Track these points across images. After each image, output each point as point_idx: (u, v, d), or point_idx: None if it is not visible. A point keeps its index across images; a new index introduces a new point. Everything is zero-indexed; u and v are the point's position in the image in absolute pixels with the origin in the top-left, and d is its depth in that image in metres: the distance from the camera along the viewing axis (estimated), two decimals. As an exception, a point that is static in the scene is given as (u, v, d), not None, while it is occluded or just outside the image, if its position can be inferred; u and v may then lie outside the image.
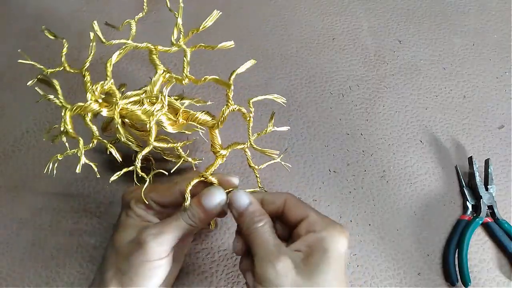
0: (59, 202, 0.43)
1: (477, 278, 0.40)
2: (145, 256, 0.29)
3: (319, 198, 0.44)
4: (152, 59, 0.34)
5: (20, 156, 0.46)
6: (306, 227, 0.30)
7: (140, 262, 0.30)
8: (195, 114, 0.34)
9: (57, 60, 0.53)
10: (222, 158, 0.34)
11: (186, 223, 0.31)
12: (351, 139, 0.48)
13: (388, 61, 0.55)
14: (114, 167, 0.45)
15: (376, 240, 0.42)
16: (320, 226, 0.29)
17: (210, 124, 0.34)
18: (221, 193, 0.32)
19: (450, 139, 0.48)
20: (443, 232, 0.42)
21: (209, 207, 0.32)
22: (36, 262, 0.40)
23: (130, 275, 0.30)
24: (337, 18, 0.59)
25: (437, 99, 0.51)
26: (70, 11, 0.59)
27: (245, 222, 0.31)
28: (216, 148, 0.34)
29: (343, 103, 0.51)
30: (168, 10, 0.35)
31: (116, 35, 0.56)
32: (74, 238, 0.41)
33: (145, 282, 0.30)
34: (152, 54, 0.34)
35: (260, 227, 0.30)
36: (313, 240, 0.28)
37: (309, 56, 0.55)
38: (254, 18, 0.58)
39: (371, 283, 0.39)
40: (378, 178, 0.45)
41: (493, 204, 0.43)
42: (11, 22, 0.58)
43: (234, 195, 0.32)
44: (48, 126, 0.47)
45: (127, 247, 0.31)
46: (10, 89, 0.51)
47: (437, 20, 0.59)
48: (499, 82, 0.53)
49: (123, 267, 0.30)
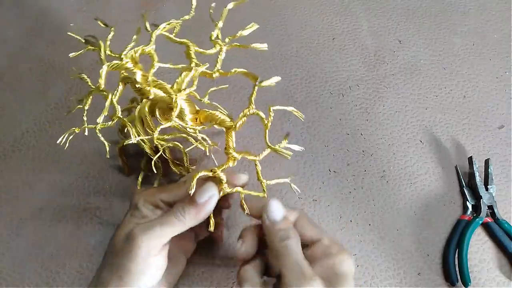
0: (59, 202, 0.43)
1: (477, 278, 0.40)
2: (136, 251, 0.29)
3: (319, 198, 0.44)
4: (188, 54, 0.35)
5: (20, 156, 0.46)
6: (323, 250, 0.31)
7: (131, 257, 0.30)
8: (214, 113, 0.34)
9: (57, 60, 0.54)
10: (234, 161, 0.34)
11: (175, 218, 0.31)
12: (351, 139, 0.48)
13: (388, 61, 0.55)
14: (117, 167, 0.45)
15: (376, 240, 0.42)
16: (335, 250, 0.30)
17: (227, 125, 0.34)
18: (212, 188, 0.33)
19: (450, 139, 0.48)
20: (443, 232, 0.42)
21: (199, 201, 0.32)
22: (36, 262, 0.40)
23: (121, 274, 0.30)
24: (337, 18, 0.59)
25: (437, 99, 0.51)
26: (70, 11, 0.59)
27: (277, 234, 0.31)
28: (229, 150, 0.34)
29: (343, 103, 0.51)
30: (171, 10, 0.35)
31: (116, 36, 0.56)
32: (74, 238, 0.41)
33: (135, 279, 0.30)
34: (188, 49, 0.35)
35: (291, 243, 0.30)
36: (332, 263, 0.30)
37: (309, 56, 0.55)
38: (254, 18, 0.58)
39: (371, 283, 0.39)
40: (378, 178, 0.45)
41: (493, 204, 0.43)
42: (11, 22, 0.58)
43: (272, 204, 0.32)
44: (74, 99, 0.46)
45: (121, 243, 0.31)
46: (10, 89, 0.51)
47: (437, 20, 0.59)
48: (499, 82, 0.53)
49: (117, 263, 0.30)
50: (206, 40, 0.35)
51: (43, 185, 0.44)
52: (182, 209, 0.32)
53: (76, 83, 0.51)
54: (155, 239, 0.30)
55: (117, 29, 0.36)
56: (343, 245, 0.32)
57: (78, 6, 0.59)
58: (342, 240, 0.41)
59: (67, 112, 0.35)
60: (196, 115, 0.35)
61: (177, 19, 0.36)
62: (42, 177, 0.45)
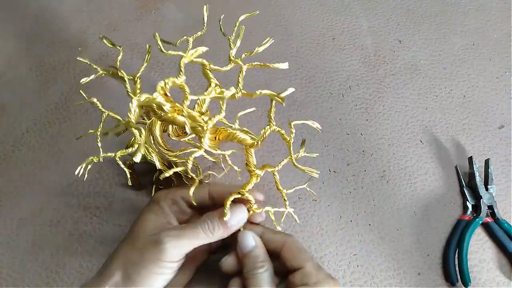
0: (59, 202, 0.43)
1: (477, 278, 0.40)
2: (159, 255, 0.30)
3: (319, 198, 0.44)
4: (206, 73, 0.34)
5: (20, 156, 0.46)
6: (301, 278, 0.31)
7: (153, 259, 0.30)
8: (235, 133, 0.34)
9: (57, 60, 0.54)
10: (257, 178, 0.34)
11: (204, 233, 0.32)
12: (351, 139, 0.48)
13: (388, 61, 0.55)
14: (117, 167, 0.45)
15: (376, 240, 0.42)
16: (314, 280, 0.31)
17: (248, 143, 0.34)
18: (244, 212, 0.34)
19: (450, 139, 0.48)
20: (443, 232, 0.42)
21: (230, 223, 0.33)
22: (36, 262, 0.40)
23: (139, 269, 0.31)
24: (337, 18, 0.59)
25: (437, 99, 0.51)
26: (70, 11, 0.59)
27: (248, 264, 0.32)
28: (251, 167, 0.34)
29: (343, 103, 0.51)
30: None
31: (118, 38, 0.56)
32: (74, 238, 0.41)
33: (151, 279, 0.31)
34: (205, 68, 0.34)
35: (260, 274, 0.32)
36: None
37: (309, 56, 0.55)
38: (254, 18, 0.58)
39: (371, 283, 0.39)
40: (378, 178, 0.45)
41: (493, 204, 0.43)
42: (12, 22, 0.58)
43: (241, 235, 0.34)
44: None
45: (143, 241, 0.32)
46: (10, 89, 0.51)
47: (437, 20, 0.59)
48: (499, 82, 0.53)
49: (134, 258, 0.31)
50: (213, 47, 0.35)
51: (43, 185, 0.44)
52: (212, 227, 0.32)
53: (76, 83, 0.51)
54: (181, 249, 0.32)
55: (117, 29, 0.36)
56: (329, 274, 0.32)
57: (78, 6, 0.59)
58: (342, 240, 0.41)
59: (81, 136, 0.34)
60: (215, 134, 0.35)
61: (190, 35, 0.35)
62: (42, 177, 0.45)
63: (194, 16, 0.56)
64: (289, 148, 0.33)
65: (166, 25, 0.56)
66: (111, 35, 0.55)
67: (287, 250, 0.33)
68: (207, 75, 0.34)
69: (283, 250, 0.33)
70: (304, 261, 0.32)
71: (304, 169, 0.34)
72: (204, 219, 0.33)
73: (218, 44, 0.51)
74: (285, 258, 0.33)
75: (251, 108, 0.39)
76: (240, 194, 0.34)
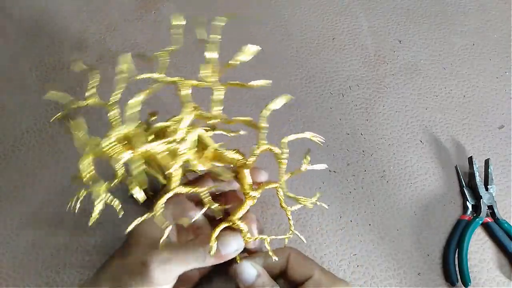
0: (59, 202, 0.43)
1: (477, 278, 0.40)
2: (147, 279, 0.29)
3: (319, 198, 0.44)
4: (181, 95, 0.30)
5: (20, 156, 0.46)
6: (314, 286, 0.30)
7: (141, 282, 0.29)
8: (223, 153, 0.30)
9: (57, 61, 0.54)
10: (253, 200, 0.31)
11: (194, 260, 0.30)
12: (351, 139, 0.48)
13: (388, 61, 0.55)
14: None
15: (376, 240, 0.42)
16: (327, 285, 0.30)
17: (239, 164, 0.31)
18: (239, 241, 0.32)
19: (450, 139, 0.48)
20: (443, 232, 0.42)
21: (223, 253, 0.31)
22: (36, 262, 0.40)
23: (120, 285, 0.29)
24: (337, 18, 0.59)
25: (437, 99, 0.51)
26: (70, 11, 0.59)
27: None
28: (246, 189, 0.31)
29: (343, 103, 0.51)
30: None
31: (114, 38, 0.56)
32: (74, 238, 0.41)
33: None
34: (180, 90, 0.30)
35: None
36: None
37: (309, 56, 0.55)
38: (254, 18, 0.58)
39: (371, 283, 0.39)
40: (378, 178, 0.45)
41: (493, 204, 0.43)
42: (11, 22, 0.58)
43: (240, 268, 0.31)
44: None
45: (134, 259, 0.30)
46: (10, 89, 0.51)
47: (437, 20, 0.59)
48: (499, 82, 0.53)
49: (123, 276, 0.30)
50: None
51: (43, 185, 0.44)
52: (203, 256, 0.30)
53: (76, 83, 0.51)
54: (170, 273, 0.30)
55: (117, 29, 0.36)
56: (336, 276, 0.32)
57: (78, 6, 0.59)
58: (342, 240, 0.41)
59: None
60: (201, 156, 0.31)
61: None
62: (42, 177, 0.45)
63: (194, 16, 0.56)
64: (280, 169, 0.30)
65: (166, 25, 0.56)
66: (111, 35, 0.55)
67: (293, 265, 0.32)
68: (182, 97, 0.30)
69: (289, 266, 0.32)
70: (312, 270, 0.31)
71: (298, 199, 0.31)
72: (196, 246, 0.31)
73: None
74: (293, 272, 0.32)
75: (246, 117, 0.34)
76: (232, 223, 0.30)
